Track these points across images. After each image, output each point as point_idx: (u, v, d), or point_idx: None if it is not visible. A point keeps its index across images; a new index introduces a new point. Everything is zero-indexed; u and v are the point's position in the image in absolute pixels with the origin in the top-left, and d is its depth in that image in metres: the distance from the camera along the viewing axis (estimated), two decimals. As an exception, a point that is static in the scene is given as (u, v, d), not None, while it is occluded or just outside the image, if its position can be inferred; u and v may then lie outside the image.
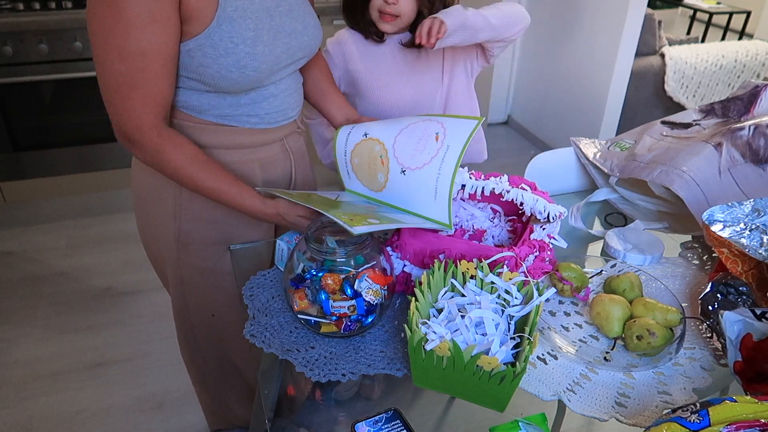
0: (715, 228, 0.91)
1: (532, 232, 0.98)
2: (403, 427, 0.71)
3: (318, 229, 0.90)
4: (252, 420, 1.34)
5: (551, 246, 1.00)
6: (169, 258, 1.14)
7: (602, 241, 1.14)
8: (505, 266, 0.87)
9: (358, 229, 0.82)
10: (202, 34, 0.89)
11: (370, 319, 0.86)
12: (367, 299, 0.84)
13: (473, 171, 1.05)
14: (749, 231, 0.90)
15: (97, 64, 0.87)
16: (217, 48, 0.91)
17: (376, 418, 0.73)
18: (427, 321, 0.78)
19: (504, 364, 0.71)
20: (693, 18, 5.69)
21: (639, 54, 2.94)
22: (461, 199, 1.11)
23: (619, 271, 1.02)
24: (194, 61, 0.92)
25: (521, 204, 1.03)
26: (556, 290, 0.96)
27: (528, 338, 0.74)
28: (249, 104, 1.02)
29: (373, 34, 1.25)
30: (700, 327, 0.92)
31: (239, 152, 1.06)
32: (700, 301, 0.93)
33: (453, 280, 0.86)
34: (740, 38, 5.43)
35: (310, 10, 1.08)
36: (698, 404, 0.62)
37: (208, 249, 1.12)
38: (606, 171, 1.28)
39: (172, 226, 1.09)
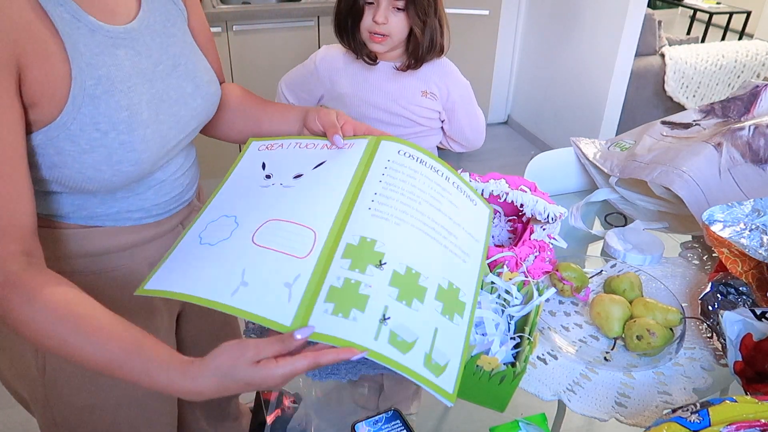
0: (715, 228, 0.91)
1: (532, 232, 0.98)
2: (403, 427, 0.71)
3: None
4: (252, 420, 1.34)
5: (551, 246, 1.00)
6: (35, 400, 0.86)
7: (602, 241, 1.14)
8: (505, 266, 0.87)
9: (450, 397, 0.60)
10: (53, 123, 0.64)
11: (370, 319, 0.86)
12: (367, 299, 0.84)
13: (472, 173, 1.05)
14: (749, 231, 0.90)
15: None
16: (78, 142, 0.65)
17: (376, 418, 0.72)
18: (427, 321, 0.78)
19: (504, 364, 0.71)
20: (693, 18, 5.68)
21: (639, 54, 2.94)
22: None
23: (619, 271, 1.02)
24: (46, 161, 0.66)
25: (521, 205, 1.03)
26: (556, 290, 0.96)
27: (528, 338, 0.74)
28: (127, 198, 0.76)
29: (364, 55, 1.20)
30: (700, 327, 0.92)
31: (120, 255, 0.79)
32: (700, 301, 0.93)
33: (453, 280, 0.86)
34: (740, 38, 5.43)
35: (201, 59, 0.81)
36: (698, 404, 0.62)
37: (86, 383, 0.83)
38: (606, 171, 1.28)
39: (34, 362, 0.80)
